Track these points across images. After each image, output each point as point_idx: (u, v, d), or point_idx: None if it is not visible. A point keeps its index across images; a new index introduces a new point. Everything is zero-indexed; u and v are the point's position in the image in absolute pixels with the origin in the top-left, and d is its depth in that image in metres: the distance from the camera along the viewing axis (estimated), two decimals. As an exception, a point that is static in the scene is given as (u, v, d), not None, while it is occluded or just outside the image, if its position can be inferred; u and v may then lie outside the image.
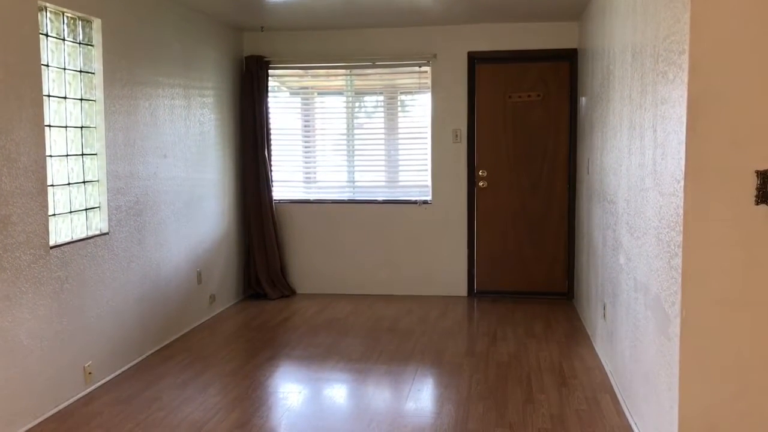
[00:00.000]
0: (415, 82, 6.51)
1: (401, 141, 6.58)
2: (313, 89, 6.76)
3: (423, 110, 6.51)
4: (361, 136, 6.66)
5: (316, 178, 6.79)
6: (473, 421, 3.58)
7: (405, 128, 6.59)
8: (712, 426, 2.63)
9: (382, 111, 6.64)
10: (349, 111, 6.65)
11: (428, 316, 5.79)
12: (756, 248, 2.57)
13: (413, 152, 6.57)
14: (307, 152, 6.74)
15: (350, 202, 6.64)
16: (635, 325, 3.50)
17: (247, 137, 6.44)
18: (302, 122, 6.74)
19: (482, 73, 6.33)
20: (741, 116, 2.54)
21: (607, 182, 4.46)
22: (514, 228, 6.41)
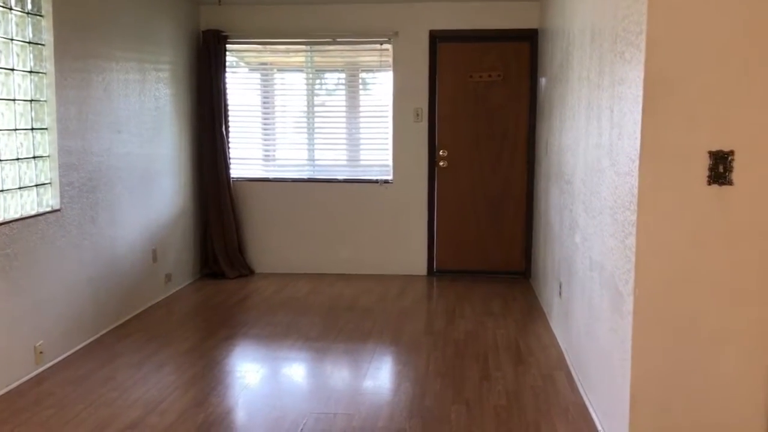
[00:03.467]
0: (377, 60, 6.46)
1: (362, 119, 6.54)
2: (273, 65, 6.66)
3: (384, 89, 6.47)
4: (322, 114, 6.59)
5: (276, 156, 6.72)
6: (430, 398, 3.61)
7: (366, 107, 6.54)
8: (662, 401, 2.69)
9: (343, 89, 6.58)
10: (309, 88, 6.57)
11: (387, 294, 5.80)
12: (707, 227, 2.61)
13: (374, 131, 6.53)
14: (266, 130, 6.65)
15: (310, 181, 6.58)
16: (590, 303, 3.55)
17: (205, 114, 6.32)
18: (261, 99, 6.64)
19: (444, 52, 6.31)
20: (695, 97, 2.58)
21: (565, 162, 4.50)
22: (474, 208, 6.44)
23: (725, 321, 2.64)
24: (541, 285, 5.56)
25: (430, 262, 6.53)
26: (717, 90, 2.56)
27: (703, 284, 2.63)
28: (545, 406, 3.52)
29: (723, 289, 2.62)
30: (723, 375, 2.66)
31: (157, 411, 3.46)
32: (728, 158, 2.58)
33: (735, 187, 2.59)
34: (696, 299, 2.64)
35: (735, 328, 2.63)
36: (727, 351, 2.65)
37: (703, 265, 2.63)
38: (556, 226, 4.88)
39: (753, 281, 2.61)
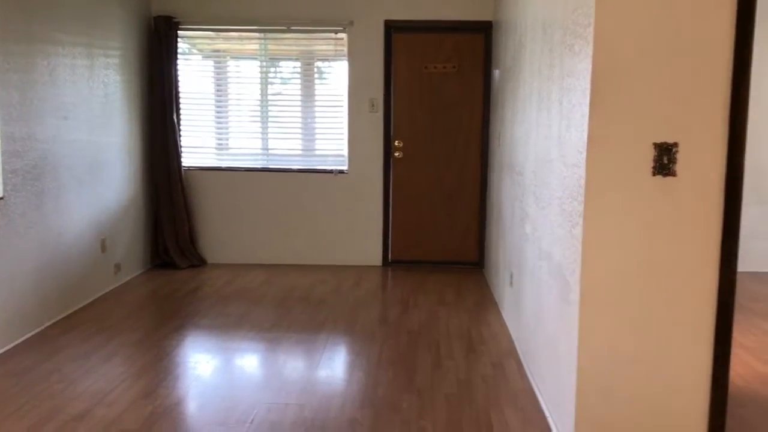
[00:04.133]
0: (332, 49, 6.42)
1: (318, 109, 6.50)
2: (226, 53, 6.57)
3: (340, 78, 6.44)
4: (276, 103, 6.53)
5: (229, 145, 6.64)
6: (382, 387, 3.62)
7: (322, 96, 6.50)
8: (607, 388, 2.75)
9: (298, 78, 6.53)
10: (263, 77, 6.50)
11: (342, 285, 5.79)
12: (652, 217, 2.67)
13: (330, 121, 6.50)
14: (219, 118, 6.56)
15: (264, 171, 6.52)
16: (539, 292, 3.61)
17: (156, 101, 6.21)
18: (215, 87, 6.55)
19: (399, 43, 6.31)
20: (641, 90, 2.62)
21: (517, 154, 4.54)
22: (429, 199, 6.47)
23: (669, 309, 2.70)
24: (494, 275, 5.62)
25: (385, 252, 6.55)
26: (662, 83, 2.61)
27: (648, 273, 2.69)
28: (495, 393, 3.56)
29: (667, 277, 2.69)
30: (667, 362, 2.72)
31: (105, 402, 3.40)
32: (672, 150, 2.64)
33: (678, 178, 2.65)
34: (641, 288, 2.70)
35: (679, 317, 2.70)
36: (672, 339, 2.72)
37: (648, 255, 2.69)
38: (508, 217, 4.93)
39: (696, 270, 2.68)
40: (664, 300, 2.70)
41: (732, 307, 2.70)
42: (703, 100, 2.61)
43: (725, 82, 2.61)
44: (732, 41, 2.59)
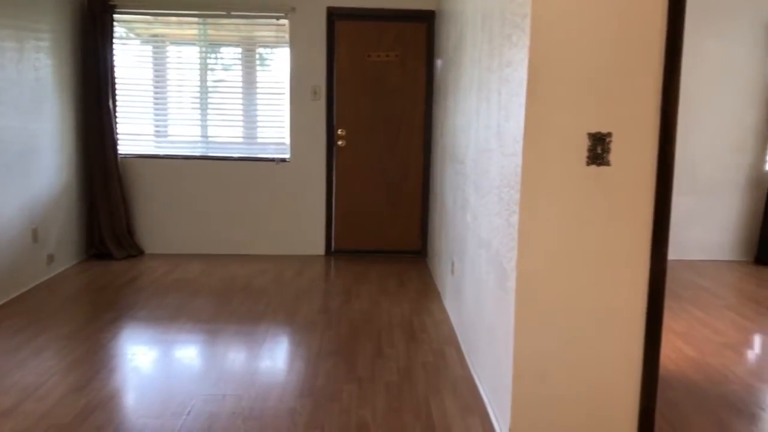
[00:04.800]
0: (273, 36, 6.34)
1: (260, 96, 6.41)
2: (165, 38, 6.41)
3: (282, 65, 6.36)
4: (217, 90, 6.41)
5: (168, 132, 6.49)
6: (322, 377, 3.60)
7: (263, 83, 6.41)
8: (542, 372, 2.79)
9: (239, 64, 6.42)
10: (203, 63, 6.37)
11: (284, 275, 5.74)
12: (586, 206, 2.72)
13: (272, 108, 6.42)
14: (158, 105, 6.41)
15: (204, 159, 6.40)
16: (478, 280, 3.64)
17: (90, 87, 6.01)
18: (153, 73, 6.38)
19: (341, 30, 6.26)
20: (576, 80, 2.66)
21: (458, 144, 4.57)
22: (373, 187, 6.46)
23: (602, 296, 2.76)
24: (437, 264, 5.66)
25: (328, 242, 6.52)
26: (596, 74, 2.65)
27: (582, 260, 2.74)
28: (435, 380, 3.59)
29: (600, 265, 2.74)
30: (600, 347, 2.78)
31: (35, 397, 3.29)
32: (606, 140, 2.69)
33: (612, 167, 2.70)
34: (575, 275, 2.75)
35: (611, 303, 2.76)
36: (605, 324, 2.78)
37: (582, 243, 2.74)
38: (449, 206, 4.96)
39: (628, 257, 2.74)
40: (598, 286, 2.75)
41: (662, 293, 2.77)
42: (636, 91, 2.67)
43: (657, 74, 2.67)
44: (664, 34, 2.65)
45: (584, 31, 2.64)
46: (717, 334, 4.41)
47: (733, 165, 6.53)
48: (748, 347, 4.26)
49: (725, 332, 4.45)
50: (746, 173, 6.56)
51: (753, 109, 6.47)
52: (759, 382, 3.66)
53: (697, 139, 6.42)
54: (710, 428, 3.11)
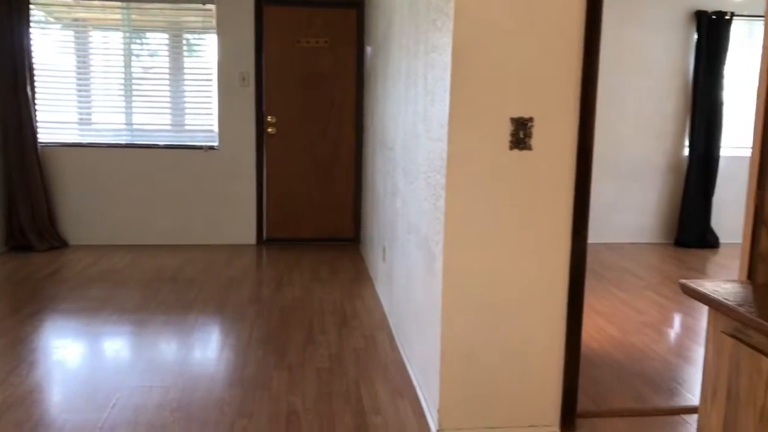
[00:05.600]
0: (200, 21, 6.20)
1: (187, 83, 6.27)
2: (87, 22, 6.19)
3: (209, 51, 6.23)
4: (142, 77, 6.24)
5: (92, 120, 6.28)
6: (252, 366, 3.57)
7: (191, 70, 6.27)
8: (469, 354, 2.84)
9: (166, 50, 6.25)
10: (127, 49, 6.18)
11: (214, 264, 5.65)
12: (509, 190, 2.77)
13: (199, 95, 6.29)
14: (81, 92, 6.19)
15: (130, 147, 6.23)
16: (408, 265, 3.67)
17: (6, 73, 5.76)
18: (76, 59, 6.16)
19: (270, 15, 6.18)
20: (499, 65, 2.69)
21: (388, 130, 4.58)
22: (304, 175, 6.42)
23: (526, 278, 2.82)
24: (369, 250, 5.67)
25: (259, 230, 6.45)
26: (518, 59, 2.69)
27: (506, 243, 2.79)
28: (366, 365, 3.60)
29: (523, 247, 2.80)
30: (524, 328, 2.84)
31: (-53, 396, 3.15)
32: (528, 125, 2.74)
33: (534, 152, 2.75)
34: (500, 257, 2.80)
35: (534, 284, 2.82)
36: (528, 305, 2.84)
37: (506, 226, 2.79)
38: (380, 192, 4.98)
39: (550, 240, 2.80)
40: (521, 268, 2.81)
41: (583, 274, 2.85)
42: (556, 76, 2.72)
43: (576, 61, 2.73)
44: (583, 21, 2.71)
45: (506, 16, 2.67)
46: (638, 313, 4.57)
47: (654, 151, 6.76)
48: (667, 326, 4.43)
49: (646, 311, 4.62)
50: (666, 159, 6.80)
51: (673, 97, 6.71)
52: (677, 359, 3.81)
53: (620, 126, 6.61)
54: (630, 403, 3.23)
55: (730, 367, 1.75)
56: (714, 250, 6.60)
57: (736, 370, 1.73)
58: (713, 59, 6.53)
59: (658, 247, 6.69)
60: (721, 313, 1.77)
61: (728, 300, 1.72)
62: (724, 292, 1.78)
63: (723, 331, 1.78)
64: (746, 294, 1.80)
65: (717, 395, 1.81)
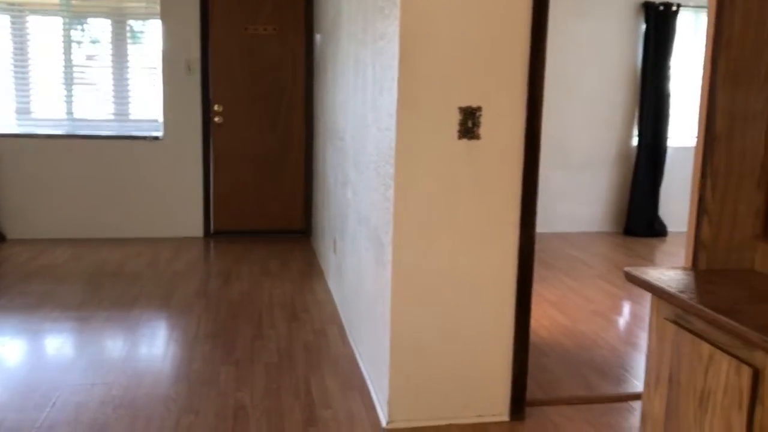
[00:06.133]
0: (144, 7, 6.03)
1: (130, 71, 6.09)
2: (23, 7, 5.95)
3: (154, 38, 6.06)
4: (83, 64, 6.04)
5: (30, 109, 6.05)
6: (199, 361, 3.49)
7: (134, 57, 6.09)
8: (418, 345, 2.81)
9: (108, 37, 6.06)
10: (67, 35, 5.97)
11: (159, 258, 5.52)
12: (458, 179, 2.75)
13: (144, 84, 6.12)
14: (18, 80, 5.96)
15: (71, 137, 6.02)
16: (359, 256, 3.63)
17: (-62, 59, 5.51)
18: (13, 45, 5.92)
19: (216, 2, 6.03)
20: (447, 54, 2.67)
21: (338, 120, 4.53)
22: (253, 166, 6.31)
23: (475, 267, 2.80)
24: (320, 243, 5.61)
25: (206, 223, 6.31)
26: (466, 48, 2.67)
27: (455, 232, 2.77)
28: (316, 359, 3.56)
29: (473, 237, 2.79)
30: (474, 317, 2.83)
31: None
32: (476, 114, 2.72)
33: (482, 141, 2.73)
34: (448, 247, 2.78)
35: (484, 274, 2.81)
36: (478, 295, 2.83)
37: (455, 215, 2.77)
38: (331, 183, 4.92)
39: (499, 229, 2.79)
40: (470, 257, 2.79)
41: (531, 262, 2.85)
42: (504, 66, 2.71)
43: (524, 51, 2.72)
44: (530, 11, 2.70)
45: (454, 4, 2.64)
46: (588, 301, 4.62)
47: (604, 141, 6.85)
48: (616, 314, 4.50)
49: (596, 300, 4.67)
50: (615, 149, 6.90)
51: (622, 88, 6.80)
52: (625, 346, 3.87)
53: (570, 117, 6.67)
54: (578, 390, 3.25)
55: (672, 353, 1.76)
56: (662, 239, 6.73)
57: (677, 355, 1.74)
58: (661, 50, 6.63)
59: (607, 235, 6.79)
60: (664, 300, 1.78)
61: (670, 287, 1.73)
62: (667, 280, 1.79)
63: (665, 318, 1.78)
64: (688, 281, 1.81)
65: (660, 381, 1.82)
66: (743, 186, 1.92)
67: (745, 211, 1.92)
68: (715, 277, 1.85)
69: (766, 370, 1.46)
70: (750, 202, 1.92)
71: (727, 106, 1.88)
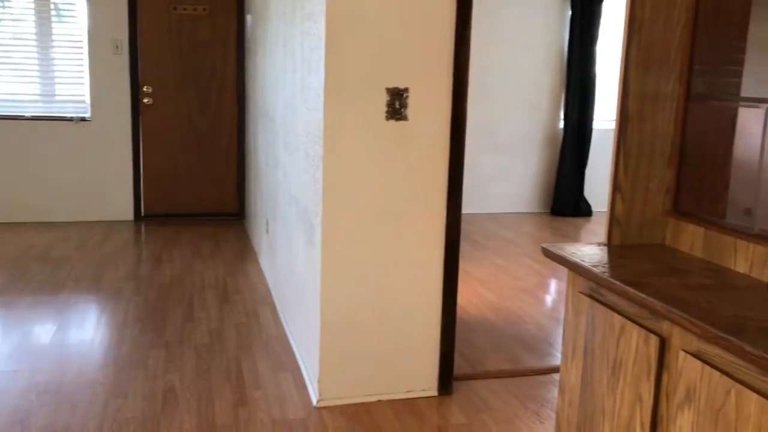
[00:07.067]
0: (67, -16, 5.82)
1: (56, 51, 5.88)
2: (-64, -19, 5.67)
3: (80, 17, 5.87)
4: (6, 43, 5.80)
5: (-54, 88, 5.79)
6: (128, 345, 3.44)
7: (60, 36, 5.89)
8: (348, 324, 2.85)
9: (32, 15, 5.83)
10: (-16, 11, 5.72)
11: (88, 242, 5.38)
12: (386, 160, 2.78)
13: (70, 64, 5.92)
14: (-69, 57, 5.68)
15: (-9, 118, 5.80)
16: (290, 237, 3.63)
17: None
18: (-77, 20, 5.64)
19: (144, -20, 5.88)
20: (374, 34, 2.69)
21: (268, 100, 4.50)
22: (184, 148, 6.20)
23: (403, 246, 2.85)
24: (253, 225, 5.58)
25: (137, 205, 6.18)
26: (393, 29, 2.69)
27: (383, 213, 2.81)
28: (248, 340, 3.56)
29: (400, 217, 2.83)
30: (402, 295, 2.89)
31: None
32: (404, 95, 2.75)
33: (410, 122, 2.77)
34: (377, 227, 2.82)
35: (412, 253, 2.87)
36: (406, 273, 2.88)
37: (383, 196, 2.80)
38: (262, 165, 4.89)
39: (426, 209, 2.85)
40: (398, 237, 2.84)
41: (458, 242, 2.92)
42: (430, 48, 2.75)
43: (450, 33, 2.76)
44: (456, -7, 2.74)
45: (381, -15, 2.66)
46: (515, 279, 4.75)
47: (531, 124, 7.00)
48: (541, 290, 4.64)
49: (522, 277, 4.81)
50: (543, 131, 7.06)
51: (549, 71, 6.96)
52: (550, 321, 4.00)
53: (498, 100, 6.79)
54: (504, 364, 3.36)
55: (587, 325, 1.85)
56: (587, 218, 6.95)
57: (592, 327, 1.82)
58: (586, 35, 6.80)
59: (535, 216, 6.97)
60: (579, 275, 1.86)
61: (584, 262, 1.81)
62: (581, 255, 1.87)
63: (580, 292, 1.87)
64: (601, 256, 1.90)
65: (576, 352, 1.91)
66: (654, 164, 2.02)
67: (656, 189, 2.02)
68: (628, 252, 1.95)
69: (672, 339, 1.56)
70: (661, 179, 2.02)
71: (638, 88, 1.97)
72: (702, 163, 1.98)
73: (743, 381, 1.34)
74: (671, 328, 1.55)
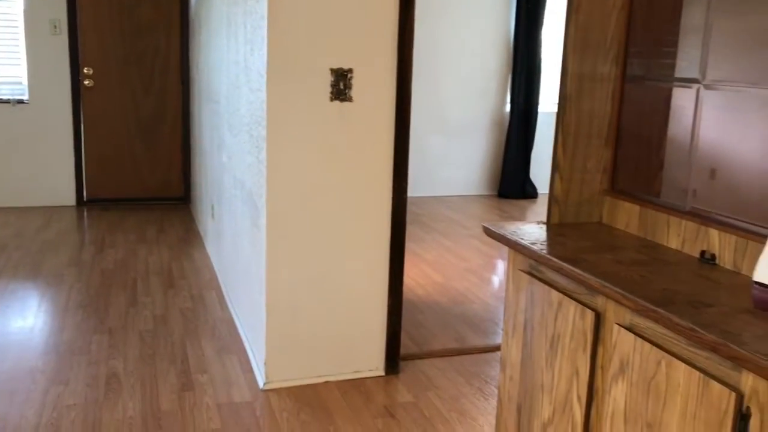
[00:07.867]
0: (0, -40, 5.60)
1: (-13, 29, 5.67)
2: None
3: (12, -6, 5.66)
4: (-68, 20, 5.56)
5: None
6: (69, 331, 3.37)
7: (-9, 14, 5.68)
8: (294, 305, 2.85)
9: (-42, -9, 5.60)
10: None
11: (27, 228, 5.23)
12: (331, 141, 2.77)
13: (5, 44, 5.71)
14: None
15: None
16: (236, 221, 3.60)
17: None
18: None
19: (82, -42, 5.70)
20: (317, 14, 2.66)
21: (213, 82, 4.43)
22: (127, 131, 6.06)
23: (349, 228, 2.86)
24: (199, 209, 5.50)
25: (79, 190, 6.03)
26: (337, 9, 2.68)
27: (329, 195, 2.81)
28: (193, 325, 3.52)
29: (346, 199, 2.83)
30: (349, 277, 2.89)
31: None
32: (348, 76, 2.74)
33: (354, 103, 2.77)
34: (322, 209, 2.81)
35: (358, 235, 2.87)
36: (352, 255, 2.88)
37: (329, 178, 2.80)
38: (207, 148, 4.82)
39: (372, 191, 2.85)
40: (344, 220, 2.84)
41: (404, 223, 2.94)
42: (375, 28, 2.74)
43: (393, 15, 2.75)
44: (400, -27, 2.73)
45: (324, -35, 2.63)
46: (462, 260, 4.81)
47: (478, 108, 7.06)
48: (487, 271, 4.70)
49: (469, 258, 4.87)
50: (490, 115, 7.13)
51: (496, 56, 7.01)
52: (495, 301, 4.06)
53: (447, 84, 6.82)
54: (450, 343, 3.40)
55: (527, 301, 1.88)
56: (533, 200, 7.06)
57: (531, 304, 1.86)
58: (532, 19, 6.87)
59: (483, 198, 7.05)
60: (518, 252, 1.89)
61: (523, 240, 1.84)
62: (521, 233, 1.90)
63: (520, 269, 1.90)
64: (540, 234, 1.93)
65: (516, 328, 1.95)
66: (592, 144, 2.06)
67: (593, 168, 2.07)
68: (566, 230, 1.99)
69: (607, 314, 1.60)
70: (598, 159, 2.07)
71: (576, 69, 2.01)
72: (638, 143, 2.03)
73: (672, 352, 1.39)
74: (606, 303, 1.60)
